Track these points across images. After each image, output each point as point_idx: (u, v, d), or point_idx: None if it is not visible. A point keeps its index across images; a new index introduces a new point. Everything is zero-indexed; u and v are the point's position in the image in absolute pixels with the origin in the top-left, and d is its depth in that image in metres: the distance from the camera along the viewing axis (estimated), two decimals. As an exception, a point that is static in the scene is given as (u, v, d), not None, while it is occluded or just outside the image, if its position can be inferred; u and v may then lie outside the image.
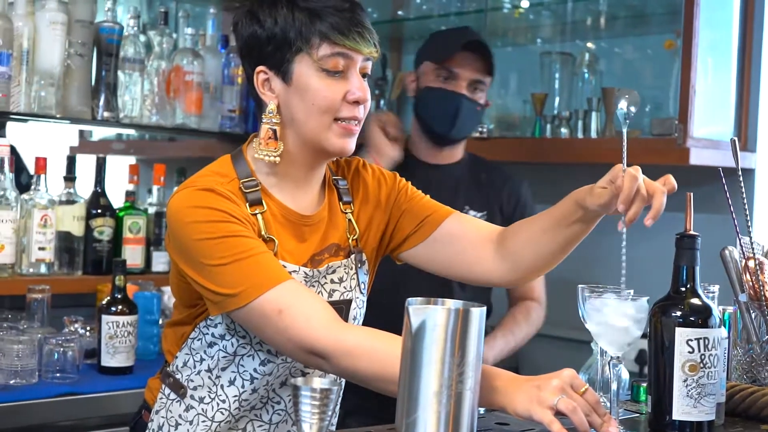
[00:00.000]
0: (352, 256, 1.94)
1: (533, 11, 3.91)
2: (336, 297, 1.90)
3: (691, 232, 1.83)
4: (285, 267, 1.78)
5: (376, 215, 2.00)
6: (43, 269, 3.01)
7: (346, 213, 1.95)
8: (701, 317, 1.76)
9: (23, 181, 3.35)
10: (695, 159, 3.08)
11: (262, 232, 1.80)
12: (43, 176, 3.01)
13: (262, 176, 1.86)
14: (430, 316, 1.56)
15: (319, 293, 1.85)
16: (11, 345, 2.61)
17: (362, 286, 1.96)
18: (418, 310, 1.58)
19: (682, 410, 1.75)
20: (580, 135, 3.48)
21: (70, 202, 3.09)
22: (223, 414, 1.85)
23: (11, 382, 2.59)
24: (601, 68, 3.64)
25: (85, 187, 3.25)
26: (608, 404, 1.81)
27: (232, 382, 1.85)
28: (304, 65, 1.79)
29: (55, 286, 2.96)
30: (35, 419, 2.54)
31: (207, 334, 1.84)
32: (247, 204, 1.80)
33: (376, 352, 1.66)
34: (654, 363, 1.79)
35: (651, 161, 3.25)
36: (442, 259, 2.01)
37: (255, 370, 1.84)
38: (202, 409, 1.86)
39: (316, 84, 1.79)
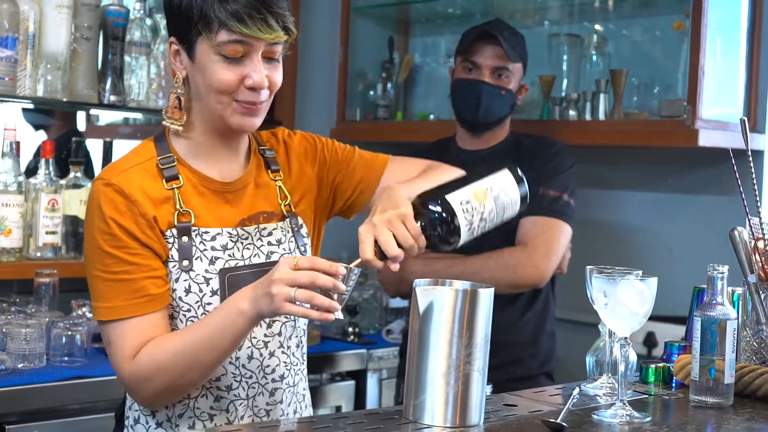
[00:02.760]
0: (287, 220, 1.97)
1: (541, -7, 3.89)
2: (275, 258, 1.92)
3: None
4: (208, 232, 1.85)
5: (307, 182, 2.04)
6: (50, 253, 3.01)
7: (276, 181, 1.98)
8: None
9: (30, 165, 3.34)
10: (704, 140, 3.07)
11: (178, 206, 1.84)
12: (50, 160, 3.00)
13: (182, 150, 1.90)
14: (438, 297, 1.56)
15: (255, 255, 1.89)
16: (19, 329, 2.61)
17: (302, 248, 1.98)
18: (425, 291, 1.58)
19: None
20: (588, 117, 3.46)
21: (78, 186, 3.08)
22: (197, 389, 1.86)
23: (19, 365, 2.59)
24: (609, 50, 3.62)
25: (92, 171, 3.24)
26: (616, 385, 1.80)
27: None
28: (204, 47, 1.80)
29: (63, 270, 2.96)
30: (43, 403, 2.55)
31: None
32: (164, 180, 1.85)
33: (161, 363, 1.77)
34: None
35: (660, 143, 3.24)
36: None
37: None
38: None
39: (213, 67, 1.79)
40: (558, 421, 1.63)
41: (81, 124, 3.84)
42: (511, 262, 2.90)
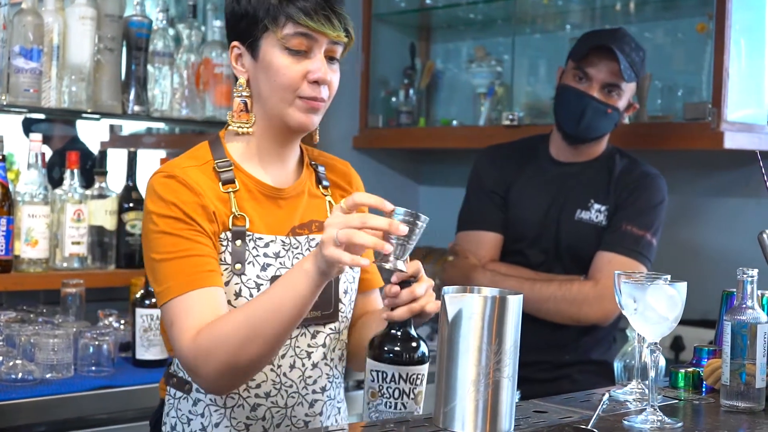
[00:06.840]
0: None
1: (562, -3, 3.89)
2: None
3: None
4: (261, 238, 1.86)
5: None
6: (76, 264, 3.02)
7: (326, 196, 2.00)
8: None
9: (55, 176, 3.36)
10: (729, 143, 3.05)
11: (233, 210, 1.86)
12: (75, 171, 3.02)
13: (237, 154, 1.93)
14: (467, 305, 1.55)
15: None
16: (47, 339, 2.62)
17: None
18: (454, 299, 1.57)
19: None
20: (612, 121, 3.45)
21: (102, 196, 3.10)
22: (233, 399, 1.86)
23: (47, 375, 2.60)
24: (632, 53, 3.60)
25: (116, 181, 3.25)
26: (647, 391, 1.79)
27: None
28: (269, 42, 1.84)
29: (89, 280, 2.97)
30: (71, 413, 2.55)
31: None
32: (221, 183, 1.87)
33: (221, 333, 1.71)
34: None
35: (685, 146, 3.22)
36: None
37: None
38: (211, 399, 1.87)
39: (278, 61, 1.83)
40: (589, 427, 1.62)
41: (80, 132, 3.87)
42: (578, 297, 2.84)
